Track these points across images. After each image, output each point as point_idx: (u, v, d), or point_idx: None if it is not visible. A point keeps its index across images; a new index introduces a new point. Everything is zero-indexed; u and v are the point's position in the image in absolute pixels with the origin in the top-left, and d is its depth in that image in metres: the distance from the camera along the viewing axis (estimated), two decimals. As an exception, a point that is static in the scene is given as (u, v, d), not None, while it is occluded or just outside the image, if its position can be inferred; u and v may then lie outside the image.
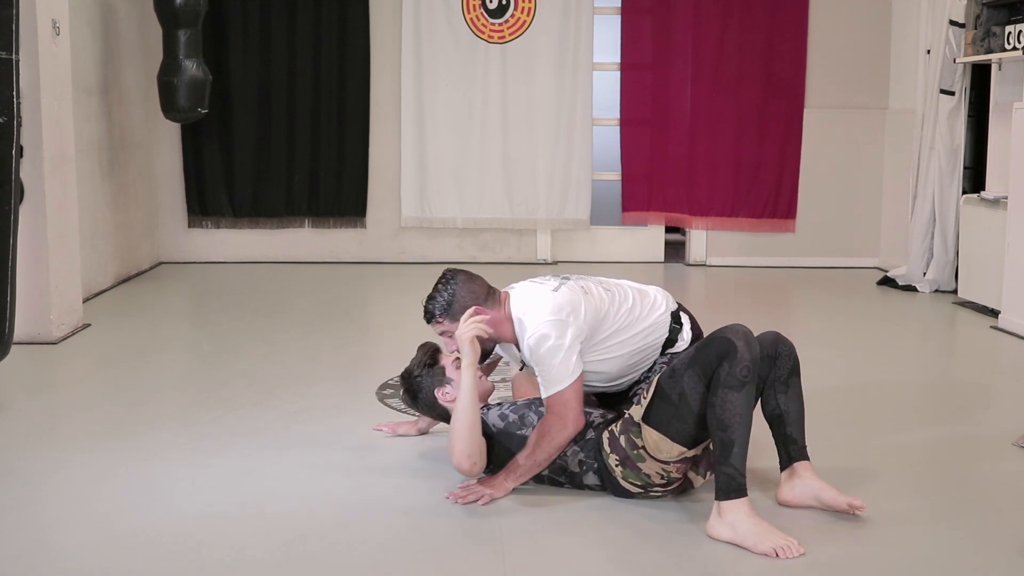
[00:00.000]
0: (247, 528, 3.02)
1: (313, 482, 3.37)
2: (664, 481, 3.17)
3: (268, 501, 3.22)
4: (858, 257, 7.93)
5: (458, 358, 3.28)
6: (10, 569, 2.75)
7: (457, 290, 3.33)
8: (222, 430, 3.89)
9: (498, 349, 3.54)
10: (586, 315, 3.26)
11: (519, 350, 3.36)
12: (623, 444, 3.14)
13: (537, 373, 3.25)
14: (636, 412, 3.14)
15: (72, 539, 2.95)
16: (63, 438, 3.89)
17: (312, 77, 7.75)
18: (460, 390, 3.21)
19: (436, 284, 3.37)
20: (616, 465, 3.17)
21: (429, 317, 3.38)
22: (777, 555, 2.82)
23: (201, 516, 3.10)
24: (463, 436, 3.15)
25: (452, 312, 3.32)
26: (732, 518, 2.92)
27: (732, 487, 2.93)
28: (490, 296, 3.35)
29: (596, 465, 3.20)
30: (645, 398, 3.13)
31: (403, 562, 2.82)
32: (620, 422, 3.18)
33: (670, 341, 3.47)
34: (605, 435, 3.18)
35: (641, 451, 3.12)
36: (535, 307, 3.27)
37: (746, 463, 2.95)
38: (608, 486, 3.22)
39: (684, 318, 3.53)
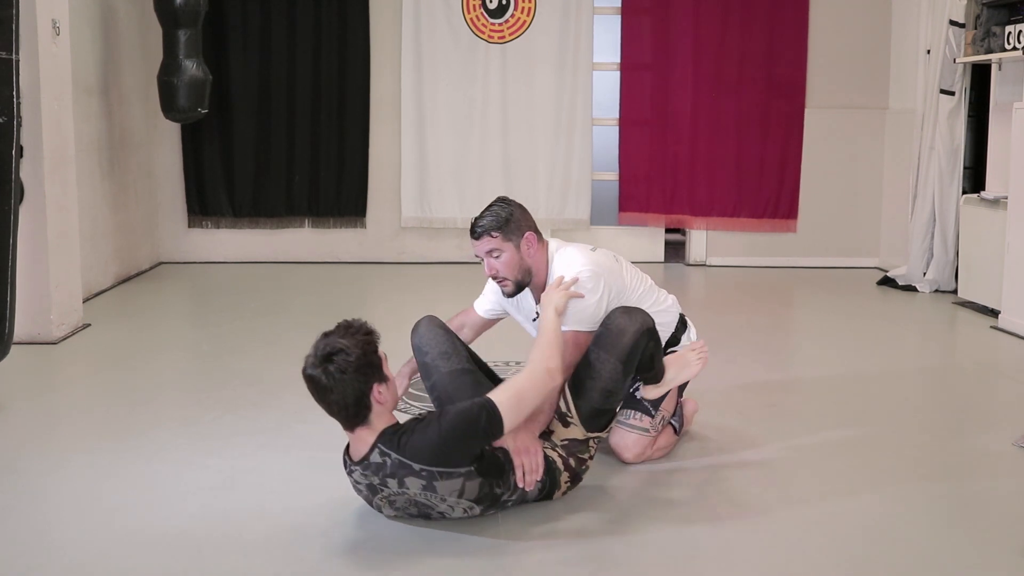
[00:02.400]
0: (247, 528, 3.02)
1: (313, 482, 3.37)
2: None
3: (268, 501, 3.22)
4: (858, 257, 7.93)
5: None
6: (10, 568, 2.75)
7: (515, 211, 3.39)
8: (222, 430, 3.89)
9: (507, 306, 3.60)
10: (615, 278, 3.41)
11: (536, 299, 3.45)
12: (573, 464, 3.19)
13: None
14: (577, 432, 3.22)
15: (72, 539, 2.95)
16: (63, 438, 3.89)
17: (312, 77, 7.75)
18: (545, 320, 3.16)
19: (491, 205, 3.40)
20: (566, 483, 3.17)
21: (482, 231, 3.36)
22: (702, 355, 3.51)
23: (201, 516, 3.10)
24: (553, 344, 3.09)
25: (508, 229, 3.35)
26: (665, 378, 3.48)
27: (658, 376, 3.46)
28: (537, 231, 3.43)
29: (546, 481, 3.12)
30: (572, 416, 3.23)
31: (403, 562, 2.81)
32: (560, 447, 3.19)
33: (675, 339, 3.58)
34: (556, 459, 3.15)
35: (589, 461, 3.26)
36: (574, 255, 3.40)
37: None
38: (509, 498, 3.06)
39: (689, 323, 3.64)
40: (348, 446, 2.98)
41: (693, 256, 8.04)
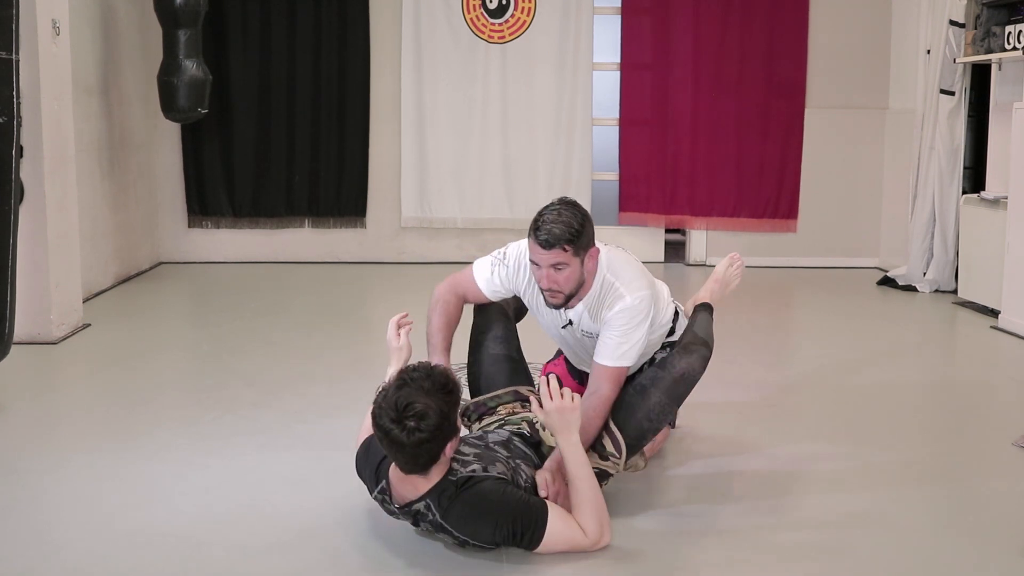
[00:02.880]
0: (247, 528, 3.02)
1: (313, 482, 3.37)
2: None
3: (268, 501, 3.22)
4: (858, 257, 7.93)
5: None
6: (10, 568, 2.75)
7: (587, 222, 3.01)
8: (222, 430, 3.89)
9: (522, 294, 3.42)
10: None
11: (566, 306, 3.19)
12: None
13: (605, 337, 3.11)
14: (610, 467, 3.14)
15: (72, 539, 2.95)
16: (63, 438, 3.89)
17: (312, 77, 7.75)
18: (575, 465, 2.89)
19: (557, 208, 3.00)
20: None
21: (554, 241, 2.95)
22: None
23: (201, 516, 3.10)
24: (602, 504, 2.90)
25: (579, 243, 2.98)
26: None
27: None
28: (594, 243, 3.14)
29: None
30: (618, 456, 3.13)
31: (404, 564, 2.81)
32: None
33: (671, 332, 3.55)
34: None
35: (604, 487, 3.09)
36: (629, 272, 3.17)
37: None
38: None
39: (681, 313, 3.61)
40: (372, 454, 2.92)
41: (693, 256, 8.04)
